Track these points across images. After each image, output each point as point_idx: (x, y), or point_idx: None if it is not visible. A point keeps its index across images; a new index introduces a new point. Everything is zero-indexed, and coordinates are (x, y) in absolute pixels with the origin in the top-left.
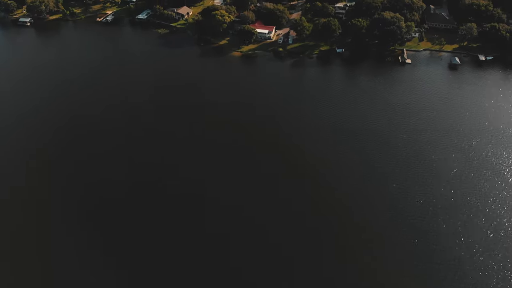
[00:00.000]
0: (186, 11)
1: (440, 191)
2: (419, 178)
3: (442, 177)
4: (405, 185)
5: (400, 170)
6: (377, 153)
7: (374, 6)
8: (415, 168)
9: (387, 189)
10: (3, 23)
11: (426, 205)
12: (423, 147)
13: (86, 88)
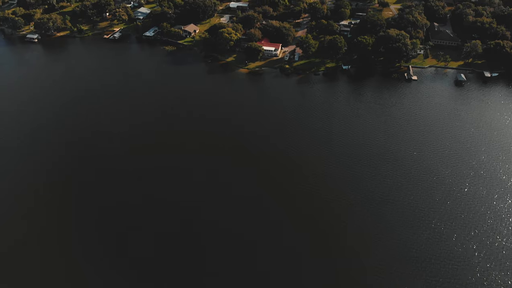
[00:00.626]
0: (193, 29)
1: (454, 210)
2: (432, 195)
3: (454, 195)
4: (417, 202)
5: (413, 187)
6: (389, 170)
7: (379, 23)
8: (428, 185)
9: (402, 206)
10: (11, 39)
11: (440, 225)
12: (434, 164)
13: (94, 105)
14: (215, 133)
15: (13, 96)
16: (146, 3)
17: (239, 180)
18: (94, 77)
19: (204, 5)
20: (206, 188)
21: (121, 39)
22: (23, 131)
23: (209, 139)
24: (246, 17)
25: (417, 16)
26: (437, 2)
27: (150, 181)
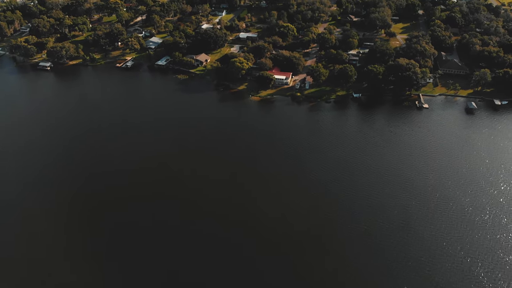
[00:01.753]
0: (204, 58)
1: (476, 237)
2: (453, 224)
3: (476, 223)
4: (438, 231)
5: (433, 215)
6: (407, 198)
7: (387, 53)
8: (448, 214)
9: (423, 235)
10: (23, 67)
11: (465, 254)
12: (453, 192)
13: (107, 135)
14: (229, 160)
15: (26, 125)
16: (157, 33)
17: (254, 206)
18: (107, 105)
19: (215, 35)
20: (223, 209)
21: (134, 68)
22: (35, 162)
23: (222, 165)
24: (257, 47)
25: (425, 46)
26: (443, 32)
27: (167, 217)
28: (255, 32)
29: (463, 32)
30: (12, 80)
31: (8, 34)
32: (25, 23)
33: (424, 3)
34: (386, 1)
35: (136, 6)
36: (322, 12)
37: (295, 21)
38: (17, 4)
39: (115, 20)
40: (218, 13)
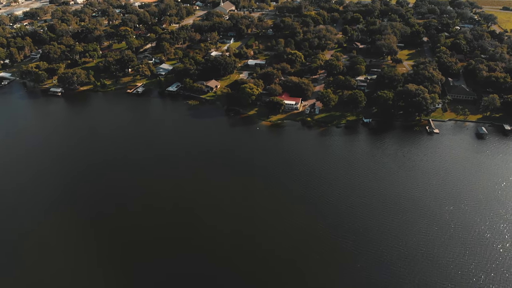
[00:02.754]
0: (214, 84)
1: (499, 266)
2: (475, 251)
3: (497, 251)
4: (461, 259)
5: (452, 242)
6: (427, 225)
7: (396, 79)
8: (469, 241)
9: (447, 264)
10: (33, 92)
11: (489, 281)
12: (471, 219)
13: (119, 162)
14: (241, 186)
15: (37, 153)
16: (167, 60)
17: (267, 237)
18: (119, 132)
19: (225, 62)
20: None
21: (144, 94)
22: (46, 192)
23: (234, 191)
24: (266, 73)
25: (432, 72)
26: (449, 58)
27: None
28: (263, 59)
29: (468, 58)
30: (23, 105)
31: (19, 60)
32: (35, 49)
33: (428, 30)
34: (391, 29)
35: (145, 33)
36: (328, 40)
37: (302, 48)
38: (27, 30)
39: (124, 47)
40: (226, 41)
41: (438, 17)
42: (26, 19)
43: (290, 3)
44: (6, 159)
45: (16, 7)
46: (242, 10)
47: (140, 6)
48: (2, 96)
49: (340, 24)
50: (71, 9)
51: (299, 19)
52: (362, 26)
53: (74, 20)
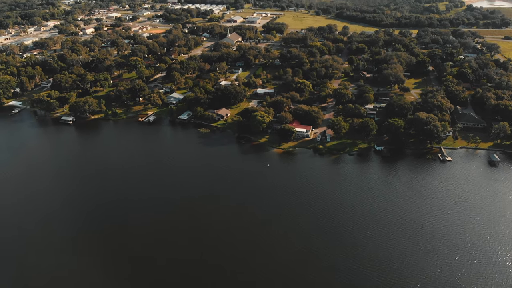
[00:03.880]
0: (225, 112)
1: None
2: (497, 282)
3: None
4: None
5: (479, 273)
6: (449, 253)
7: (405, 107)
8: (491, 271)
9: None
10: (44, 121)
11: None
12: (492, 247)
13: (129, 192)
14: (254, 215)
15: (48, 185)
16: (177, 89)
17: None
18: (131, 160)
19: (235, 91)
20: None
21: (156, 122)
22: (57, 226)
23: (247, 221)
24: (276, 102)
25: (441, 100)
26: (456, 86)
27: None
28: (271, 88)
29: (475, 86)
30: (34, 133)
31: (29, 89)
32: (45, 78)
33: (433, 59)
34: (397, 58)
35: (154, 63)
36: (335, 69)
37: (310, 77)
38: (37, 60)
39: (134, 76)
40: (234, 71)
41: (442, 47)
42: (35, 48)
43: (295, 34)
44: (16, 190)
45: (25, 37)
46: (248, 41)
47: (149, 37)
48: (13, 124)
49: (345, 54)
50: (81, 40)
51: (305, 49)
52: (368, 56)
53: (84, 50)
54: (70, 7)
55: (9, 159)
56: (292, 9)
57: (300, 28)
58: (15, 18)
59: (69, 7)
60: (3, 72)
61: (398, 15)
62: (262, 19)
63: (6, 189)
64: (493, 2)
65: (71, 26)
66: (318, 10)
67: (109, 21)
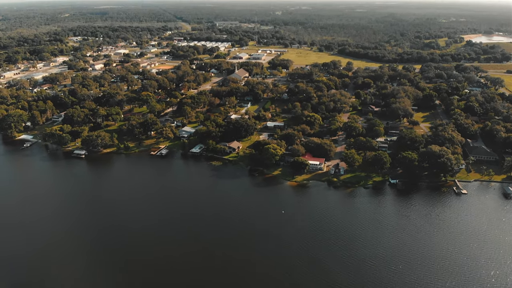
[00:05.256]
0: (236, 145)
1: None
2: None
3: None
4: None
5: None
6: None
7: (417, 140)
8: None
9: None
10: (56, 154)
11: None
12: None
13: (140, 226)
14: (269, 253)
15: (59, 219)
16: (188, 123)
17: None
18: (145, 195)
19: (246, 124)
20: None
21: (168, 155)
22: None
23: (261, 260)
24: (287, 135)
25: (452, 133)
26: (465, 120)
27: None
28: (281, 121)
29: (483, 120)
30: (46, 167)
31: (40, 123)
32: (56, 112)
33: (439, 93)
34: (404, 92)
35: (165, 98)
36: (343, 103)
37: (319, 111)
38: (48, 94)
39: (145, 110)
40: (244, 105)
41: (446, 81)
42: (45, 83)
43: (300, 70)
44: (28, 225)
45: (35, 72)
46: (255, 76)
47: (158, 72)
48: (25, 158)
49: (351, 88)
50: (91, 75)
51: (312, 84)
52: (374, 90)
53: (94, 85)
54: (78, 44)
55: (22, 192)
56: (295, 46)
57: (304, 64)
58: (24, 53)
59: (77, 43)
60: (14, 106)
61: (400, 51)
62: (267, 56)
63: (17, 223)
64: (491, 38)
65: (80, 62)
66: (320, 46)
67: (117, 57)
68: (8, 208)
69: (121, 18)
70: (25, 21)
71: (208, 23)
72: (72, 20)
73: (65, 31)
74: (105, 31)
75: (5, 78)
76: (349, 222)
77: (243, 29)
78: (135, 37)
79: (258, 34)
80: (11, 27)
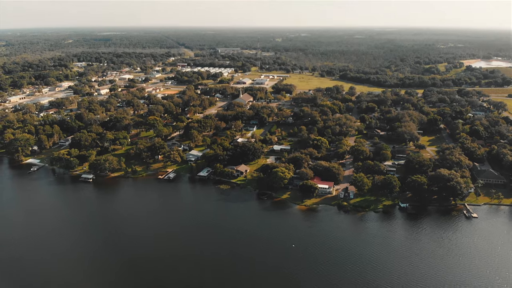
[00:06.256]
0: (244, 169)
1: None
2: None
3: None
4: None
5: None
6: None
7: (425, 164)
8: None
9: None
10: (64, 179)
11: None
12: None
13: (150, 251)
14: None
15: (67, 239)
16: (194, 146)
17: None
18: (153, 219)
19: (254, 147)
20: None
21: (176, 179)
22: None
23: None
24: (294, 158)
25: (459, 157)
26: (471, 143)
27: None
28: (287, 144)
29: (489, 144)
30: (53, 191)
31: (47, 147)
32: (63, 136)
33: (444, 118)
34: (409, 116)
35: (171, 122)
36: (349, 127)
37: (325, 134)
38: (55, 118)
39: (152, 135)
40: (249, 128)
41: (449, 105)
42: (52, 108)
43: (304, 95)
44: (35, 248)
45: (40, 97)
46: (259, 101)
47: (163, 97)
48: (32, 182)
49: (355, 113)
50: (97, 100)
51: (317, 108)
52: (378, 115)
53: (101, 110)
54: (83, 69)
55: (31, 217)
56: (297, 72)
57: (307, 88)
58: (29, 78)
59: (82, 69)
60: (21, 130)
61: (401, 76)
62: (270, 81)
63: (24, 248)
64: (490, 63)
65: (86, 86)
66: (322, 72)
67: (122, 83)
68: (15, 235)
69: (124, 44)
70: (29, 47)
71: (210, 49)
72: (76, 46)
73: (69, 57)
74: (109, 57)
75: (11, 102)
76: (362, 247)
77: (244, 55)
78: (139, 63)
79: (260, 60)
80: (15, 52)
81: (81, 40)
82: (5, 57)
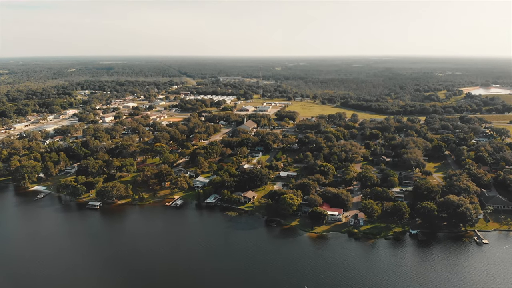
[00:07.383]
0: (251, 195)
1: None
2: None
3: None
4: None
5: None
6: None
7: (433, 190)
8: None
9: None
10: (70, 206)
11: None
12: None
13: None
14: None
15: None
16: (201, 173)
17: None
18: (161, 247)
19: (261, 173)
20: None
21: (183, 206)
22: None
23: None
24: (302, 184)
25: (467, 183)
26: (477, 170)
27: None
28: (293, 170)
29: (494, 169)
30: (60, 219)
31: (54, 174)
32: (69, 163)
33: (448, 144)
34: (414, 143)
35: (177, 149)
36: (354, 153)
37: (331, 161)
38: (61, 146)
39: (158, 161)
40: (255, 155)
41: (452, 132)
42: (57, 135)
43: (307, 121)
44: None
45: (45, 124)
46: (263, 127)
47: (168, 124)
48: (38, 209)
49: (359, 139)
50: (102, 127)
51: (321, 135)
52: (383, 141)
53: (106, 137)
54: (87, 97)
55: (40, 245)
56: (298, 99)
57: (309, 115)
58: (33, 106)
59: (85, 97)
60: (27, 157)
61: (402, 104)
62: (272, 108)
63: (31, 275)
64: (489, 90)
65: (91, 114)
66: (323, 99)
67: (127, 110)
68: (21, 260)
69: (127, 73)
70: (32, 75)
71: (212, 78)
72: (79, 75)
73: (73, 85)
74: (112, 85)
75: (16, 129)
76: (377, 276)
77: (246, 83)
78: (142, 91)
79: (261, 88)
80: (18, 80)
81: (83, 68)
82: (8, 85)
